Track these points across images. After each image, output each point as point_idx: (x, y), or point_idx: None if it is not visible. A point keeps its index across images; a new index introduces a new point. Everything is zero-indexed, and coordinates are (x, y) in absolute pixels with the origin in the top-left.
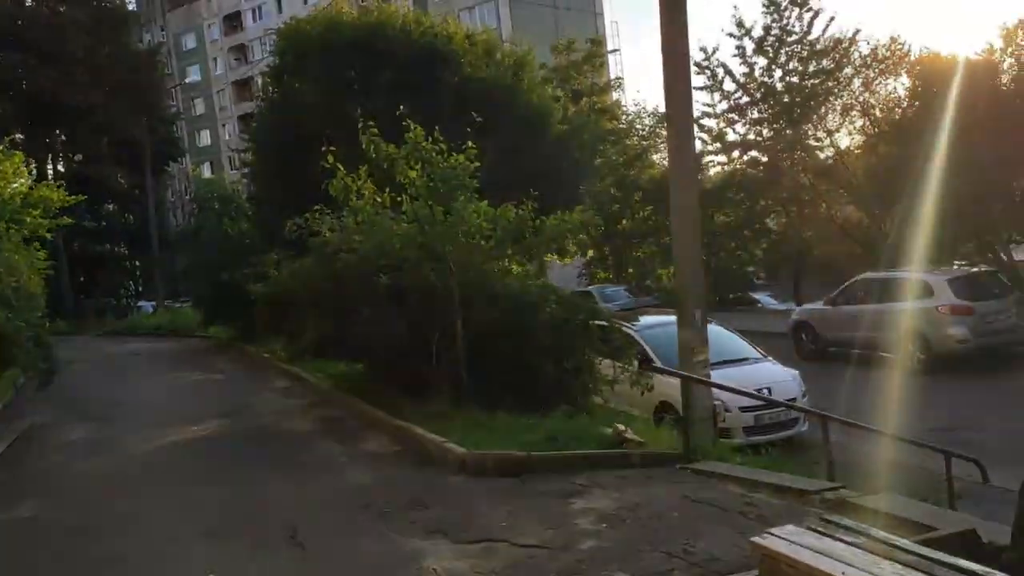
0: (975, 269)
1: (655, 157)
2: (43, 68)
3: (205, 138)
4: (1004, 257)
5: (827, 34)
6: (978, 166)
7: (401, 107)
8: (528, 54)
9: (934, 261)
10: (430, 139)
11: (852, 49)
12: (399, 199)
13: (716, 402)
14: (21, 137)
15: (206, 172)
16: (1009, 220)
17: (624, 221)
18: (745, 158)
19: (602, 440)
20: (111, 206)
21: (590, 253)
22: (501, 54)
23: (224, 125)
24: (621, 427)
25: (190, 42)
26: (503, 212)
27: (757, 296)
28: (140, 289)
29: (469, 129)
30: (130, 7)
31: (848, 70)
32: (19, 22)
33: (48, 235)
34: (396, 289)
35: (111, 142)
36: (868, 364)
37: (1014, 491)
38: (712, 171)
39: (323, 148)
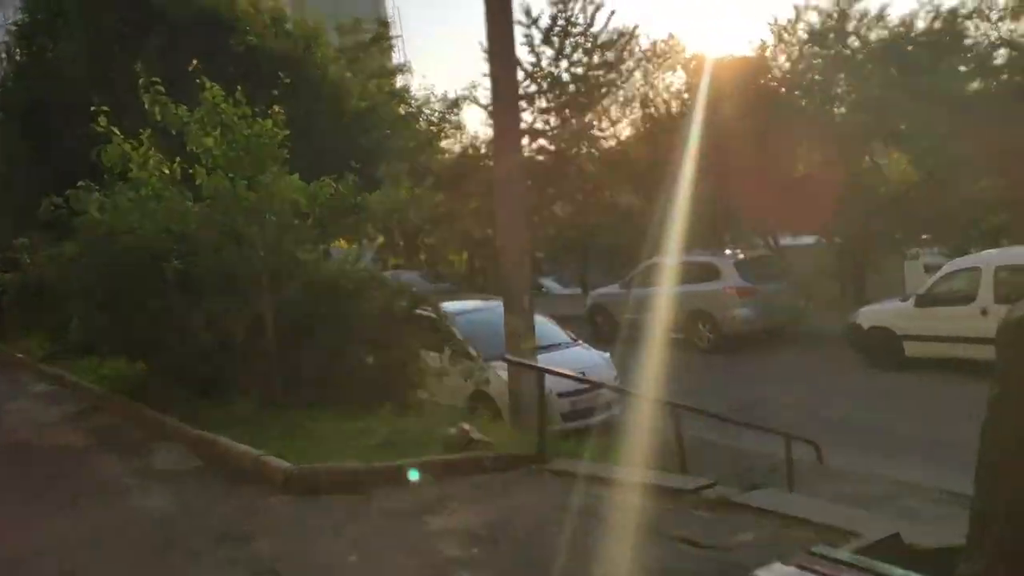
0: (759, 253)
1: (444, 143)
2: None
3: None
4: (772, 243)
5: (609, 27)
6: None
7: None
8: (319, 27)
9: (694, 247)
10: (229, 101)
11: (633, 43)
12: (191, 171)
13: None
14: None
15: None
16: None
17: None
18: (533, 146)
19: (447, 442)
20: None
21: (380, 239)
22: (292, 24)
23: None
24: (466, 426)
25: None
26: (320, 187)
27: (543, 281)
28: None
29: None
30: None
31: (630, 63)
32: None
33: None
34: (190, 277)
35: None
36: (662, 346)
37: (847, 472)
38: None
39: (92, 110)
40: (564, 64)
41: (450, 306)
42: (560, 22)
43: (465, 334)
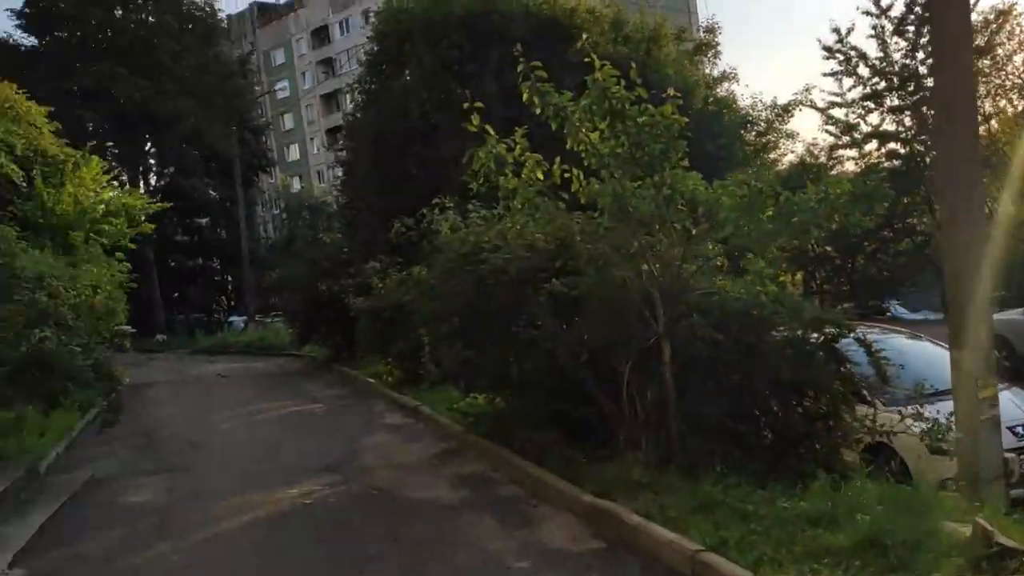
0: None
1: (772, 155)
2: (132, 77)
3: (294, 152)
4: None
5: (978, 7)
6: None
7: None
8: (662, 26)
9: None
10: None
11: (1010, 23)
12: (566, 175)
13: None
14: (115, 151)
15: (296, 187)
16: None
17: None
18: (883, 150)
19: (959, 545)
20: (203, 220)
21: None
22: (632, 28)
23: (312, 139)
24: (986, 525)
25: (279, 57)
26: (726, 187)
27: (888, 304)
28: (232, 304)
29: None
30: (222, 24)
31: (1008, 46)
32: (108, 31)
33: (131, 245)
34: (564, 301)
35: (202, 155)
36: None
37: None
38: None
39: (463, 107)
40: (920, 55)
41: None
42: (917, 9)
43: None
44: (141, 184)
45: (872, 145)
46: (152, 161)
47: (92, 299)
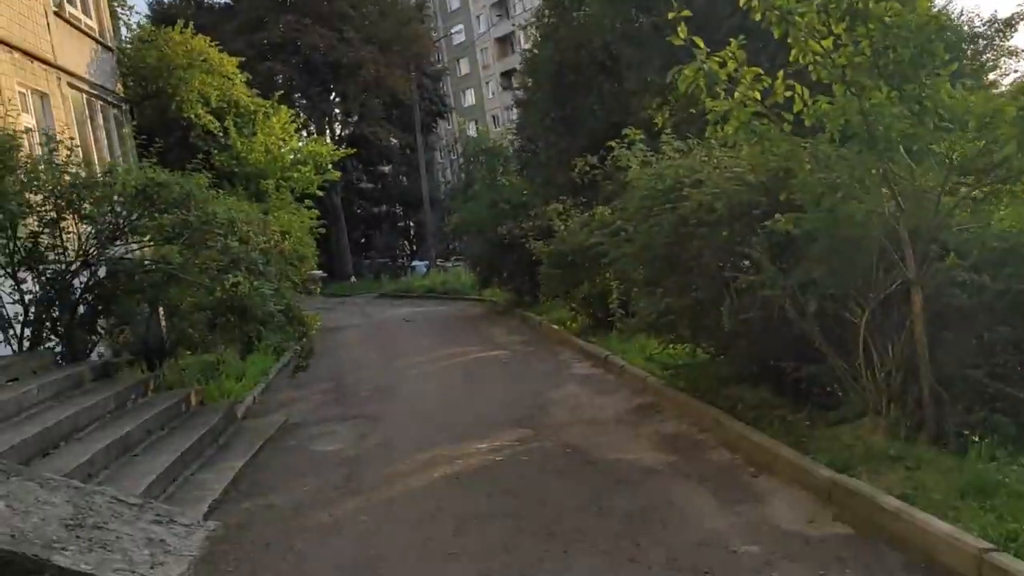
0: None
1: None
2: (317, 28)
3: (469, 97)
4: None
5: None
6: None
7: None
8: None
9: None
10: None
11: None
12: (788, 94)
13: None
14: (303, 101)
15: (472, 131)
16: None
17: None
18: None
19: None
20: (386, 167)
21: None
22: None
23: (487, 83)
24: None
25: (454, 3)
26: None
27: None
28: (414, 248)
29: None
30: None
31: None
32: None
33: (319, 192)
34: (788, 241)
35: (383, 103)
36: None
37: None
38: None
39: (670, 18)
40: None
41: None
42: None
43: None
44: (327, 133)
45: None
46: (337, 110)
47: (282, 244)
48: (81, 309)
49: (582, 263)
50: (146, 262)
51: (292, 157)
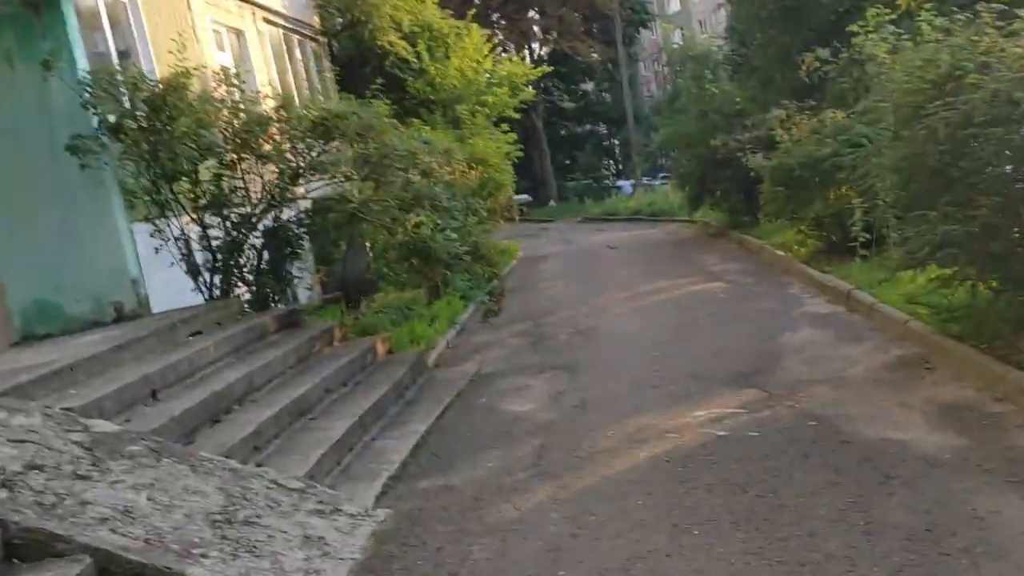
0: None
1: None
2: None
3: (673, 3)
4: None
5: None
6: None
7: None
8: None
9: None
10: None
11: None
12: None
13: None
14: (500, 22)
15: (676, 39)
16: None
17: None
18: None
19: None
20: (588, 85)
21: None
22: None
23: None
24: None
25: None
26: None
27: None
28: (619, 168)
29: None
30: None
31: None
32: None
33: (515, 114)
34: None
35: (582, 16)
36: None
37: None
38: None
39: None
40: None
41: None
42: None
43: None
44: (527, 53)
45: None
46: (535, 28)
47: (468, 175)
48: (267, 255)
49: (812, 178)
50: (328, 200)
51: (487, 79)
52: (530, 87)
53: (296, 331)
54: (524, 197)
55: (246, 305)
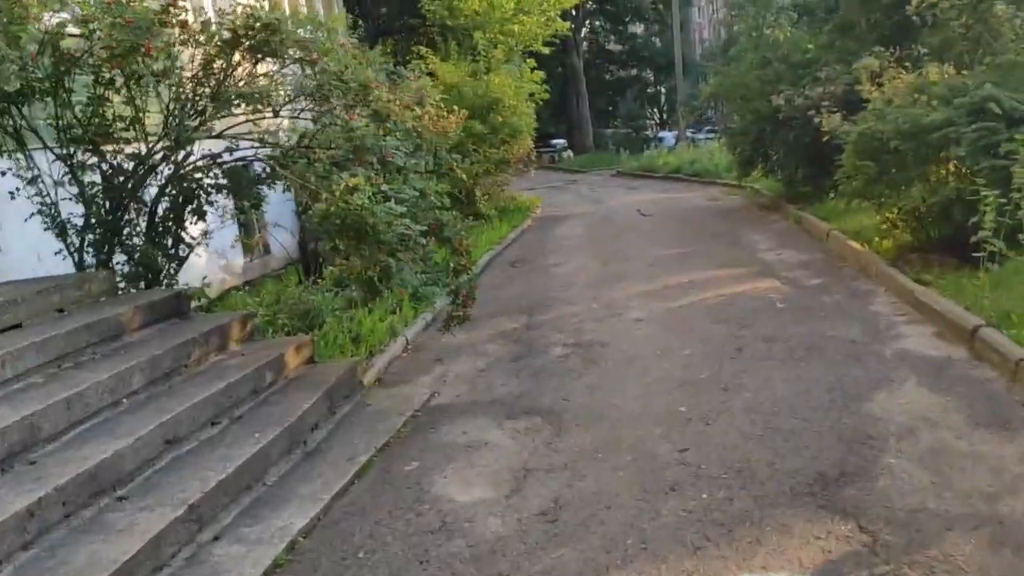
0: None
1: None
2: None
3: None
4: None
5: None
6: None
7: None
8: None
9: None
10: None
11: None
12: None
13: None
14: None
15: None
16: None
17: None
18: None
19: None
20: (639, 27)
21: None
22: None
23: None
24: None
25: None
26: None
27: None
28: (664, 118)
29: None
30: None
31: None
32: None
33: (545, 49)
34: None
35: None
36: None
37: None
38: None
39: None
40: None
41: None
42: None
43: None
44: None
45: None
46: None
47: (445, 123)
48: (161, 210)
49: (914, 152)
50: (241, 144)
51: (515, 5)
52: (566, 21)
53: (175, 327)
54: (561, 142)
55: (122, 281)
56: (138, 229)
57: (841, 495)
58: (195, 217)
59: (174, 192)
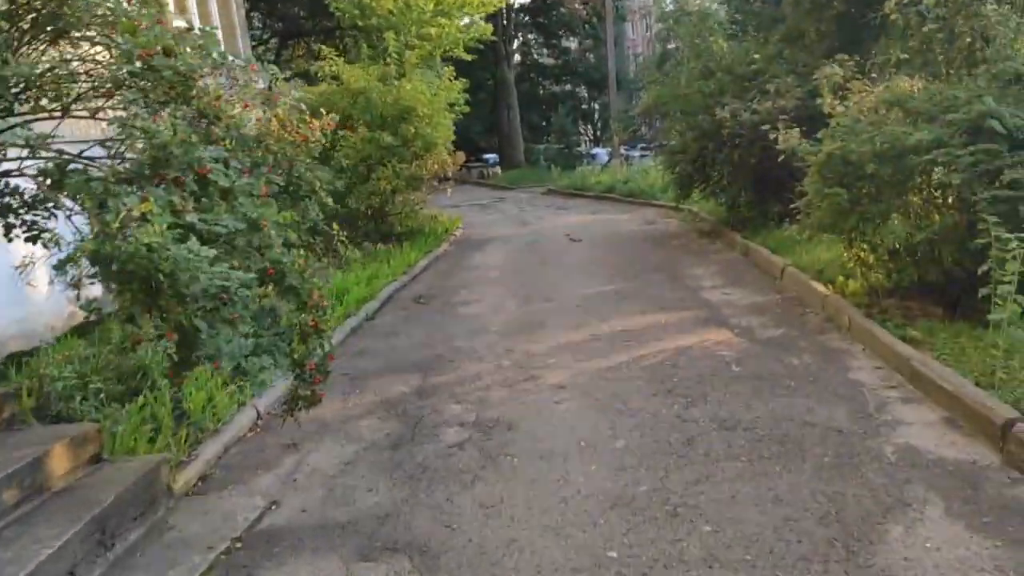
0: None
1: None
2: None
3: None
4: None
5: None
6: None
7: None
8: None
9: None
10: None
11: None
12: None
13: None
14: None
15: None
16: None
17: None
18: None
19: None
20: (572, 42)
21: None
22: None
23: None
24: None
25: None
26: None
27: None
28: (597, 135)
29: None
30: None
31: None
32: None
33: (467, 55)
34: None
35: None
36: None
37: None
38: None
39: None
40: None
41: None
42: None
43: None
44: None
45: None
46: None
47: (305, 127)
48: None
49: (896, 178)
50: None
51: (433, 7)
52: (494, 31)
53: None
54: (492, 157)
55: None
56: None
57: None
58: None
59: None
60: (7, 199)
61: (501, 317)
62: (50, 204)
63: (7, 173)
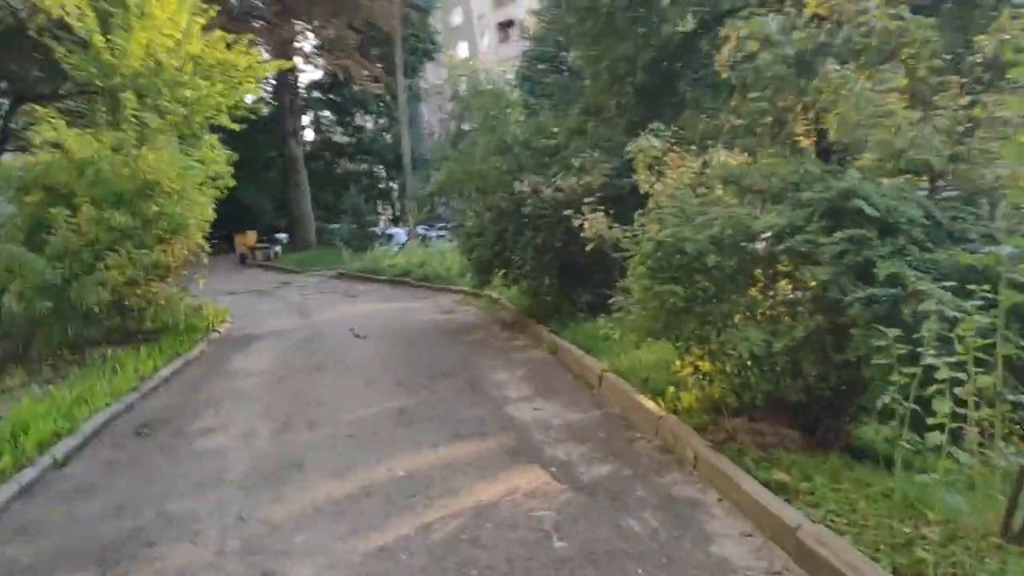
0: None
1: None
2: None
3: (462, 50)
4: None
5: None
6: None
7: None
8: None
9: None
10: None
11: None
12: None
13: None
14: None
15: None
16: None
17: None
18: None
19: None
20: (367, 120)
21: None
22: None
23: (483, 34)
24: None
25: None
26: None
27: None
28: (394, 215)
29: None
30: None
31: None
32: None
33: (232, 124)
34: None
35: (361, 38)
36: None
37: None
38: None
39: None
40: None
41: None
42: None
43: None
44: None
45: None
46: (310, 38)
47: None
48: None
49: (735, 272)
50: None
51: (190, 67)
52: (276, 104)
53: None
54: (284, 236)
55: None
56: None
57: None
58: None
59: None
60: None
61: (246, 456)
62: None
63: None
